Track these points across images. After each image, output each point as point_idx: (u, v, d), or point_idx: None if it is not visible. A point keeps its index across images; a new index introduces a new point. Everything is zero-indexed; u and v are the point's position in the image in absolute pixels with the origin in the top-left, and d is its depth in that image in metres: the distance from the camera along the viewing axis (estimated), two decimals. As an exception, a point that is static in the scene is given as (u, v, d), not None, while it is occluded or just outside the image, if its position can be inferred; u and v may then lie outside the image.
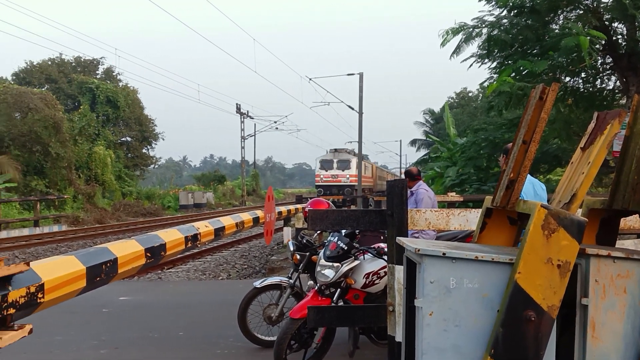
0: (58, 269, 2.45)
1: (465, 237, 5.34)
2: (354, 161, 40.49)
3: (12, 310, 2.07)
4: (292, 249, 5.43)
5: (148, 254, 3.31)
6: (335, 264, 4.52)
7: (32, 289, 2.20)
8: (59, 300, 2.44)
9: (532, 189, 4.79)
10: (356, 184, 38.41)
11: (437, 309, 2.47)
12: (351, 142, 65.55)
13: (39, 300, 2.25)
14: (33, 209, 22.98)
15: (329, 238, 4.86)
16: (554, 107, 11.98)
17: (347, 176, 40.53)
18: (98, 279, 2.72)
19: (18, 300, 2.10)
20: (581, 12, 11.96)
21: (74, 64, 43.28)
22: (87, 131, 33.49)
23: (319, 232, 6.28)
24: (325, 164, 41.90)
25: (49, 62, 42.22)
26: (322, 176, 41.13)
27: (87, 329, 6.32)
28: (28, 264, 2.18)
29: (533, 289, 2.40)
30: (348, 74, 30.06)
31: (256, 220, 7.37)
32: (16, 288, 2.10)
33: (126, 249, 3.07)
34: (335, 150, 43.45)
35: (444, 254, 2.46)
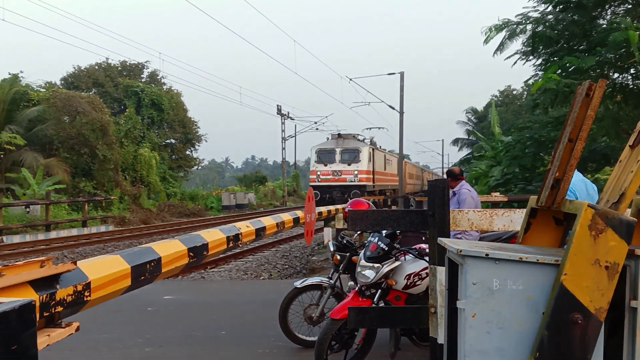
0: (104, 268, 2.50)
1: (509, 238, 5.24)
2: (365, 151, 29.44)
3: (59, 308, 2.12)
4: (332, 249, 5.43)
5: (191, 254, 3.36)
6: (376, 265, 4.50)
7: (79, 287, 2.26)
8: (104, 298, 2.50)
9: (585, 188, 4.66)
10: (368, 183, 29.69)
11: (480, 310, 2.43)
12: (370, 128, 60.77)
13: (85, 299, 2.30)
14: (81, 209, 23.66)
15: (369, 238, 4.84)
16: (602, 104, 11.66)
17: (355, 172, 28.81)
18: (142, 277, 2.78)
19: (65, 298, 2.16)
20: (630, 5, 11.62)
21: (119, 68, 44.39)
22: (132, 133, 34.28)
23: (359, 232, 6.26)
24: (324, 156, 29.72)
25: (96, 67, 43.40)
26: (319, 173, 29.44)
27: (132, 327, 6.46)
28: (75, 263, 2.24)
29: (580, 291, 2.34)
30: (389, 74, 29.71)
31: (296, 221, 7.40)
32: (64, 286, 2.15)
33: (170, 249, 3.12)
34: (339, 135, 31.11)
35: (487, 254, 2.43)
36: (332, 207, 12.16)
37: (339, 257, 5.31)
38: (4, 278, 1.87)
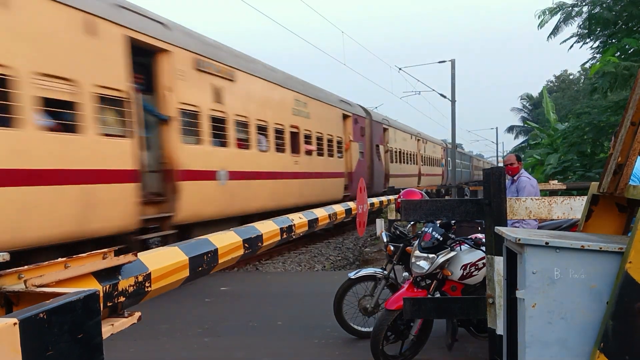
0: (163, 259, 2.56)
1: (569, 226, 5.09)
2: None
3: (122, 298, 2.19)
4: (385, 240, 5.40)
5: (246, 245, 3.40)
6: (431, 255, 4.45)
7: (140, 278, 2.32)
8: (164, 289, 2.56)
9: None
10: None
11: (540, 300, 2.38)
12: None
13: (146, 289, 2.36)
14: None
15: (423, 229, 4.79)
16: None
17: None
18: (200, 268, 2.83)
19: (127, 288, 2.22)
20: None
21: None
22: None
23: (412, 223, 6.20)
24: None
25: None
26: None
27: (191, 318, 6.61)
28: (136, 255, 2.30)
29: (646, 280, 2.25)
30: (439, 62, 29.16)
31: (348, 212, 7.39)
32: (125, 277, 2.22)
33: (225, 240, 3.17)
34: None
35: (546, 243, 2.36)
36: (384, 198, 12.08)
37: (392, 248, 5.28)
38: (69, 269, 1.94)
